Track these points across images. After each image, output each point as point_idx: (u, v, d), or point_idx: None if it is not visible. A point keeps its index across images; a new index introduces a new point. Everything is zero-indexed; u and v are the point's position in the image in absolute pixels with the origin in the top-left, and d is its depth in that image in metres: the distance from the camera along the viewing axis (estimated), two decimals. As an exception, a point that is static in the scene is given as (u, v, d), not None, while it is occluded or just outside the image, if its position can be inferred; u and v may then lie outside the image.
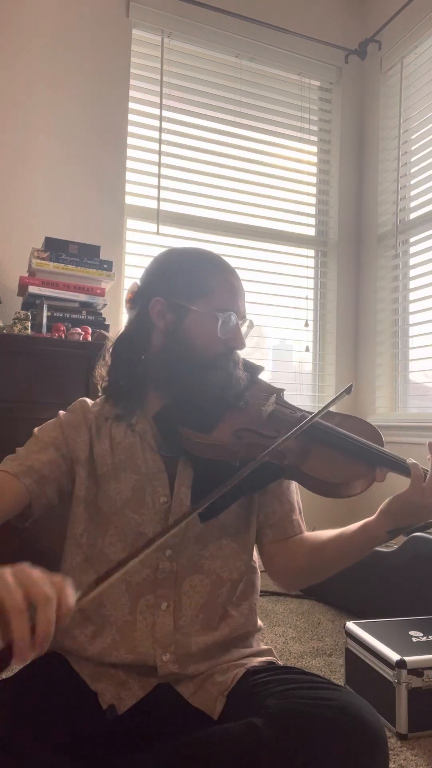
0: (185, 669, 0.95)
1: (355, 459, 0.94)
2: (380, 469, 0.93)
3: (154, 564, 0.97)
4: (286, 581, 1.10)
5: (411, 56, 3.01)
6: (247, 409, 1.01)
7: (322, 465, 0.94)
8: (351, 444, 0.95)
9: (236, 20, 2.95)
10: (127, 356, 1.05)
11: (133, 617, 0.96)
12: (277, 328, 3.21)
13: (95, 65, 2.71)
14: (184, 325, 1.01)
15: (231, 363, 1.02)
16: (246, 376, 1.05)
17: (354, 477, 0.93)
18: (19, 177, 2.55)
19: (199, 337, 1.00)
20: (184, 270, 1.04)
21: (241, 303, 1.05)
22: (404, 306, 3.09)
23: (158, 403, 1.03)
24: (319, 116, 3.30)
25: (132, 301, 1.06)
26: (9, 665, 0.58)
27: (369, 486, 0.94)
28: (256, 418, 0.99)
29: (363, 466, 0.94)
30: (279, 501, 1.07)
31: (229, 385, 1.01)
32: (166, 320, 1.02)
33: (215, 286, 1.02)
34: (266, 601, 2.41)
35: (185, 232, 2.95)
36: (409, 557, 2.02)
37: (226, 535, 1.02)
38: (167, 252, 1.09)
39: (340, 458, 0.94)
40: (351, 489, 0.93)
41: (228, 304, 1.02)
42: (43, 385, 1.96)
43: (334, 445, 0.96)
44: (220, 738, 0.79)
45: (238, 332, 1.03)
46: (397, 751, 1.33)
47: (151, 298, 1.03)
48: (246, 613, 1.03)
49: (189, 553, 0.99)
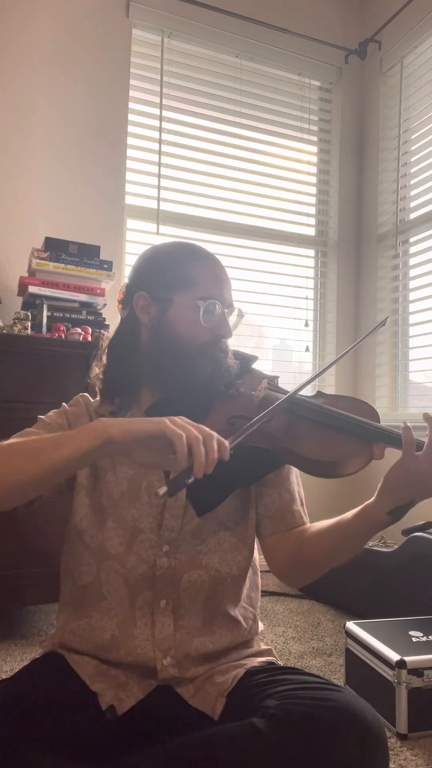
0: (185, 672, 0.95)
1: (350, 436, 0.91)
2: (376, 444, 0.90)
3: (152, 560, 0.97)
4: (289, 576, 1.07)
5: (411, 56, 3.01)
6: (238, 397, 1.00)
7: (316, 444, 0.91)
8: (343, 421, 0.92)
9: (236, 20, 2.95)
10: (119, 355, 1.06)
11: (133, 612, 0.96)
12: (277, 328, 3.21)
13: (95, 65, 2.71)
14: (168, 317, 1.00)
15: (219, 352, 1.01)
16: (237, 364, 1.04)
17: (350, 454, 0.90)
18: (20, 177, 2.55)
19: (183, 327, 1.00)
20: (166, 262, 1.04)
21: (227, 292, 1.04)
22: (404, 306, 3.09)
23: (151, 398, 1.03)
24: (319, 116, 3.30)
25: (123, 302, 1.07)
26: (187, 483, 0.77)
27: (367, 464, 0.91)
28: (247, 405, 0.98)
29: (358, 442, 0.91)
30: (278, 491, 1.05)
31: (219, 374, 1.00)
32: (150, 314, 1.02)
33: (197, 276, 1.01)
34: (266, 601, 2.41)
35: (185, 232, 2.95)
36: (409, 557, 2.02)
37: (224, 529, 1.01)
38: (151, 248, 1.10)
39: (334, 436, 0.92)
40: (348, 467, 0.90)
41: (210, 293, 1.01)
42: (43, 385, 1.96)
43: (326, 423, 0.93)
44: (221, 738, 0.79)
45: (223, 320, 1.02)
46: (397, 751, 1.33)
47: (135, 293, 1.04)
48: (251, 623, 1.03)
49: (186, 549, 0.98)
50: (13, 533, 1.87)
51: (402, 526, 2.16)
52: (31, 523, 1.84)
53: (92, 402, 1.10)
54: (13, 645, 1.88)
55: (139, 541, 0.98)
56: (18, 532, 1.87)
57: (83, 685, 0.93)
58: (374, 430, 0.91)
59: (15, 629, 2.01)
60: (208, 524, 1.00)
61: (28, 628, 2.04)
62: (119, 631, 0.96)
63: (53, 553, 1.11)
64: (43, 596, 1.91)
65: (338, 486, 2.77)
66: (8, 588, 1.88)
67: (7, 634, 1.96)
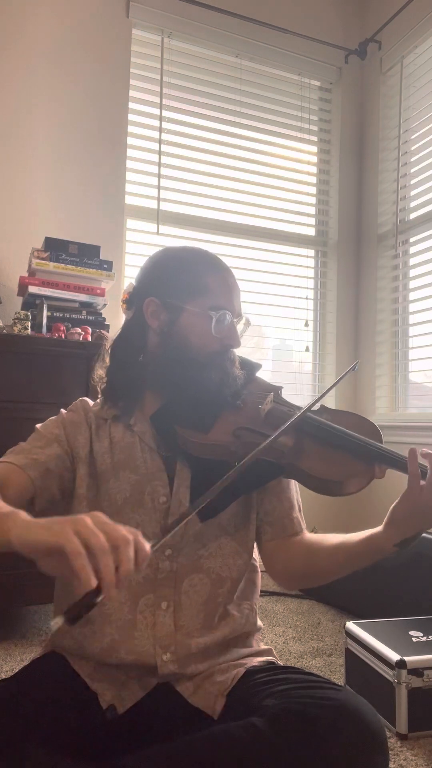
0: (185, 669, 0.95)
1: (353, 456, 0.93)
2: (378, 465, 0.92)
3: (154, 563, 0.97)
4: (286, 581, 1.09)
5: (411, 56, 3.00)
6: (244, 408, 1.00)
7: (320, 462, 0.93)
8: (348, 441, 0.94)
9: (236, 20, 2.95)
10: (123, 357, 1.05)
11: (133, 616, 0.96)
12: (277, 328, 3.21)
13: (95, 65, 2.71)
14: (178, 324, 1.00)
15: (227, 361, 1.02)
16: (243, 374, 1.04)
17: (352, 474, 0.92)
18: (20, 177, 2.55)
19: (193, 336, 1.00)
20: (178, 269, 1.03)
21: (236, 301, 1.05)
22: (404, 306, 3.09)
23: (156, 404, 1.03)
24: (319, 116, 3.30)
25: (127, 302, 1.06)
26: (95, 604, 0.64)
27: (368, 483, 0.93)
28: (254, 417, 0.98)
29: (361, 463, 0.92)
30: (278, 498, 1.06)
31: (226, 384, 1.00)
32: (161, 320, 1.02)
33: (209, 285, 1.01)
34: (266, 601, 2.41)
35: (185, 232, 2.95)
36: (409, 557, 2.02)
37: (225, 534, 1.02)
38: (161, 251, 1.09)
39: (338, 456, 0.94)
40: (349, 487, 0.92)
41: (222, 303, 1.01)
42: (43, 385, 1.96)
43: (331, 442, 0.95)
44: (220, 738, 0.79)
45: (233, 330, 1.02)
46: (397, 751, 1.33)
47: (145, 298, 1.03)
48: (246, 613, 1.03)
49: (188, 553, 0.99)
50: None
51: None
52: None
53: (92, 406, 1.09)
54: (13, 645, 1.88)
55: None
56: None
57: (83, 684, 0.93)
58: (377, 452, 0.92)
59: (15, 629, 2.01)
60: (210, 529, 1.00)
61: (28, 628, 2.04)
62: (119, 634, 0.96)
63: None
64: (43, 596, 1.91)
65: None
66: (8, 588, 1.88)
67: (7, 634, 1.96)
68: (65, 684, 0.93)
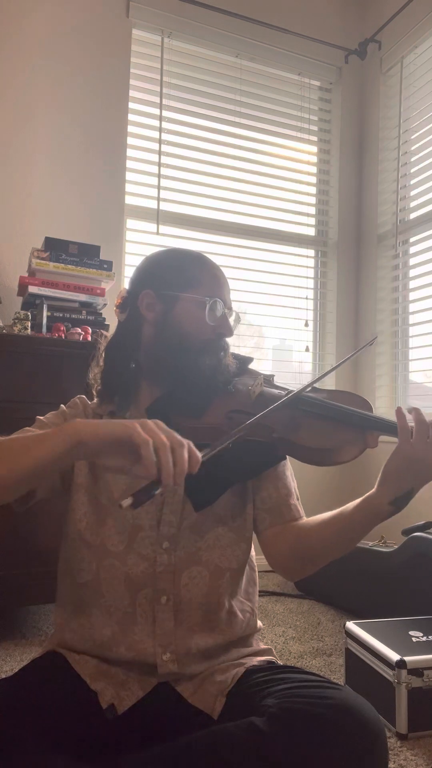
0: (185, 669, 0.95)
1: (344, 425, 0.97)
2: (369, 432, 0.95)
3: (152, 557, 0.97)
4: (287, 569, 1.07)
5: (411, 56, 3.01)
6: (236, 393, 1.04)
7: (312, 434, 0.96)
8: (339, 411, 0.97)
9: (236, 20, 2.95)
10: (118, 355, 1.07)
11: (133, 609, 0.97)
12: (277, 328, 3.21)
13: (95, 65, 2.71)
14: (174, 312, 1.04)
15: (220, 349, 1.05)
16: (235, 362, 1.08)
17: (344, 442, 0.95)
18: (19, 177, 2.55)
19: (188, 323, 1.03)
20: (171, 265, 1.08)
21: (227, 295, 1.09)
22: (404, 306, 3.09)
23: (151, 396, 1.05)
24: (319, 116, 3.30)
25: (121, 306, 1.09)
26: (154, 495, 0.74)
27: (361, 452, 0.96)
28: (245, 400, 1.02)
29: (352, 431, 0.96)
30: (274, 486, 1.07)
31: (219, 371, 1.04)
32: (156, 311, 1.05)
33: (201, 278, 1.06)
34: (266, 601, 2.41)
35: (185, 232, 2.95)
36: (409, 557, 2.02)
37: (222, 524, 1.03)
38: (155, 252, 1.15)
39: (329, 426, 0.97)
40: (343, 455, 0.95)
41: (214, 293, 1.05)
42: (43, 385, 1.96)
43: (321, 414, 0.98)
44: (220, 737, 0.79)
45: (226, 320, 1.06)
46: (397, 751, 1.33)
47: (139, 293, 1.06)
48: (248, 616, 1.04)
49: (186, 545, 0.99)
50: (13, 533, 1.87)
51: (402, 526, 2.17)
52: (31, 523, 1.84)
53: (90, 404, 1.11)
54: (13, 645, 1.88)
55: (139, 539, 0.98)
56: (18, 532, 1.87)
57: (83, 684, 0.93)
58: (367, 418, 0.96)
59: (15, 629, 2.01)
60: (206, 520, 1.01)
61: (28, 628, 2.04)
62: (119, 627, 0.96)
63: (53, 553, 1.11)
64: (43, 596, 1.91)
65: (336, 480, 2.77)
66: (8, 588, 1.88)
67: (7, 634, 1.96)
68: (65, 684, 0.93)
